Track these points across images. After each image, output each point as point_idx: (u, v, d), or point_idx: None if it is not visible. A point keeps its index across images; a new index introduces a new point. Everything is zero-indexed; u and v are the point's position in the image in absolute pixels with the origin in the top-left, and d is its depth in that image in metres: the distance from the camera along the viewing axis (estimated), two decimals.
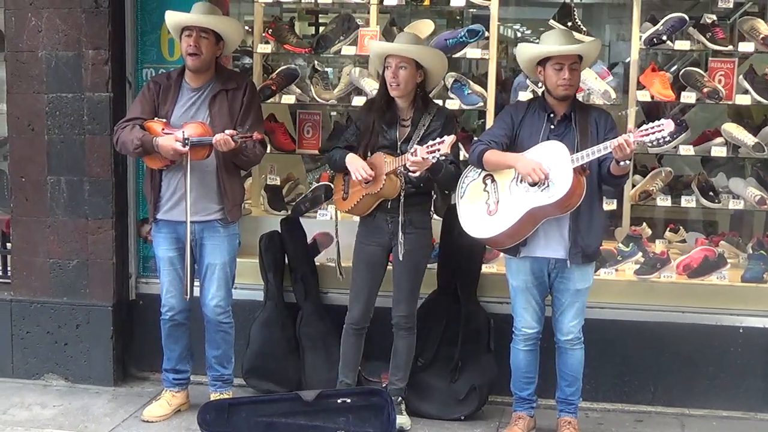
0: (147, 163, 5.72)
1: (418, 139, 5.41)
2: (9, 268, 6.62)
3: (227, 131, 5.41)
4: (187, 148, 5.39)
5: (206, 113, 5.61)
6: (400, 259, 5.48)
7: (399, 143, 5.49)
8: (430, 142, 5.19)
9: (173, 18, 5.65)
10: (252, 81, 6.06)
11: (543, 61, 5.25)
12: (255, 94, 5.85)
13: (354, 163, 5.47)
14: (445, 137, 5.16)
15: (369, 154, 5.55)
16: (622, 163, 5.02)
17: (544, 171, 5.03)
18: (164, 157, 5.51)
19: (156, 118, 5.62)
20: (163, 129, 5.53)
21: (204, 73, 5.66)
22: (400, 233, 5.46)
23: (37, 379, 6.45)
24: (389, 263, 5.69)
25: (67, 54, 6.21)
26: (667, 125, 4.89)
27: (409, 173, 5.34)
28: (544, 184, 5.04)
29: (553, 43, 5.25)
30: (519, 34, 9.55)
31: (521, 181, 5.15)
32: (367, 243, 5.64)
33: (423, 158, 5.17)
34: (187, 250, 5.59)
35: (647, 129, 4.93)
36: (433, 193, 6.48)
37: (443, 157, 5.23)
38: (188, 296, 5.66)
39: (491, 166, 5.28)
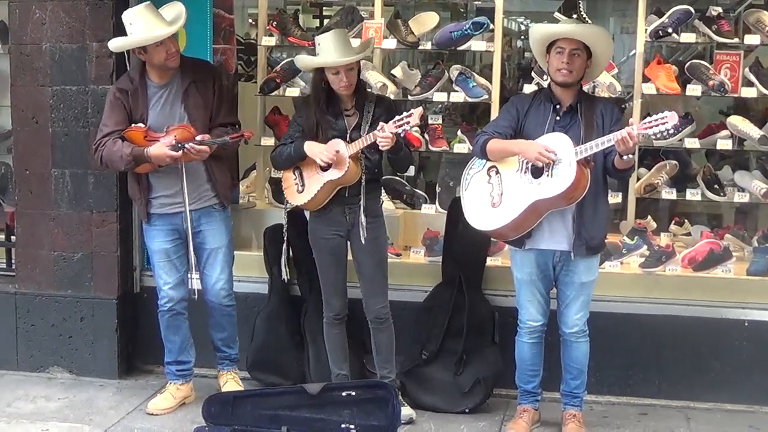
0: (135, 169, 5.67)
1: (368, 124, 5.41)
2: (13, 261, 6.61)
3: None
4: (180, 152, 5.41)
5: (182, 109, 5.60)
6: (362, 242, 5.45)
7: (349, 131, 5.47)
8: (397, 117, 5.20)
9: (161, 33, 5.46)
10: (218, 69, 6.09)
11: (550, 48, 5.24)
12: (222, 80, 5.87)
13: (314, 148, 5.43)
14: (413, 110, 5.19)
15: None
16: (626, 156, 5.01)
17: (551, 150, 5.02)
18: (156, 165, 5.52)
19: (133, 125, 5.58)
20: (145, 136, 5.52)
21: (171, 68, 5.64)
22: (362, 216, 5.44)
23: (42, 371, 6.45)
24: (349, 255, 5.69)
25: (71, 46, 6.20)
26: (670, 117, 4.87)
27: (369, 155, 5.40)
28: (549, 175, 5.04)
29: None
30: (523, 27, 9.54)
31: (525, 172, 5.14)
32: (327, 236, 5.60)
33: (392, 133, 5.17)
34: (190, 248, 5.62)
35: (651, 121, 4.92)
36: (438, 186, 6.52)
37: (411, 130, 5.31)
38: (195, 294, 5.73)
39: (495, 155, 5.27)
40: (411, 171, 6.37)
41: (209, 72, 5.77)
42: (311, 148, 5.44)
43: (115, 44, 5.65)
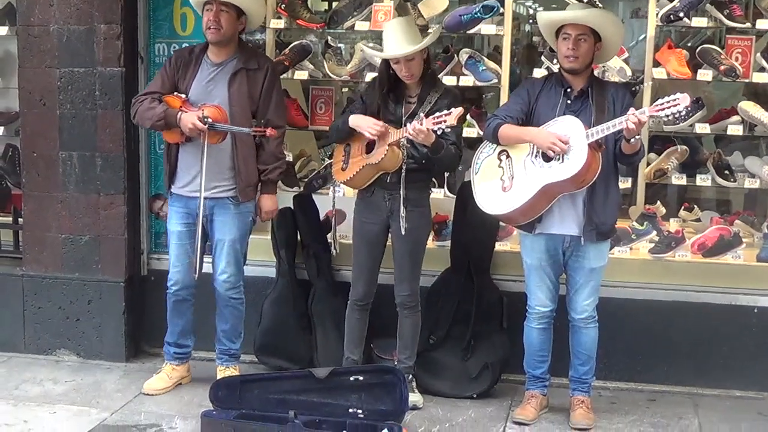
0: (164, 136, 5.76)
1: (423, 114, 5.37)
2: (21, 244, 6.60)
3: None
4: (206, 126, 5.40)
5: (225, 92, 5.60)
6: (402, 233, 5.44)
7: (404, 118, 5.45)
8: (437, 114, 5.16)
9: None
10: (274, 64, 6.03)
11: (558, 33, 5.23)
12: (276, 78, 5.83)
13: (361, 120, 5.43)
14: (452, 109, 5.13)
15: None
16: (632, 140, 4.99)
17: (564, 139, 5.00)
18: (181, 132, 5.53)
19: (175, 93, 5.63)
20: (181, 106, 5.54)
21: (225, 48, 5.64)
22: (401, 208, 5.42)
23: (49, 354, 6.46)
24: (388, 240, 5.66)
25: (79, 28, 6.18)
26: (682, 99, 4.85)
27: (417, 145, 5.33)
28: (560, 158, 5.01)
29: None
30: (532, 11, 9.49)
31: (536, 156, 5.12)
32: (366, 221, 5.61)
33: (427, 129, 5.14)
34: (198, 229, 5.60)
35: (663, 103, 4.90)
36: (446, 172, 6.48)
37: (448, 129, 5.18)
38: (197, 274, 5.67)
39: (507, 140, 5.25)
40: None
41: (264, 64, 5.75)
42: (357, 121, 5.44)
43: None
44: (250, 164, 5.70)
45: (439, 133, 5.18)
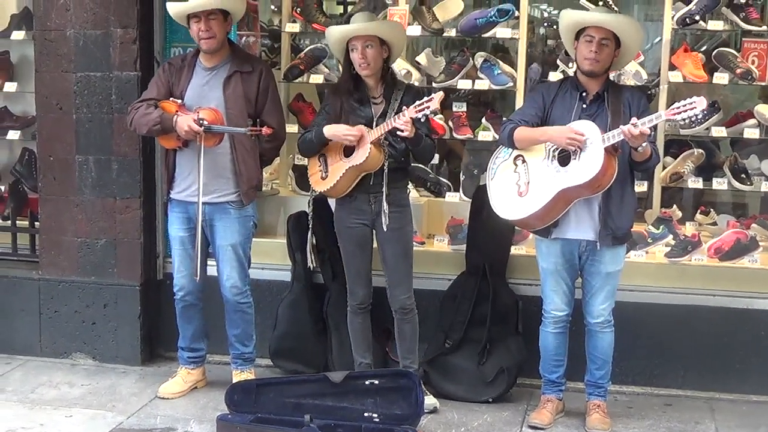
0: (160, 142, 5.79)
1: (394, 111, 5.38)
2: (37, 247, 6.61)
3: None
4: (201, 128, 5.40)
5: (220, 94, 5.60)
6: (385, 229, 5.43)
7: (375, 119, 5.45)
8: (418, 102, 5.17)
9: (178, 8, 5.58)
10: (268, 66, 6.03)
11: (578, 35, 5.21)
12: (271, 79, 5.81)
13: (336, 130, 5.41)
14: (433, 95, 5.16)
15: None
16: (639, 149, 4.98)
17: (580, 132, 4.99)
18: (178, 137, 5.53)
19: (171, 99, 5.64)
20: (177, 111, 5.54)
21: (218, 52, 5.64)
22: (385, 204, 5.40)
23: (65, 358, 6.47)
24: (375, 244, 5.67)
25: (95, 33, 6.19)
26: (699, 102, 4.84)
27: (394, 143, 5.35)
28: (576, 157, 5.00)
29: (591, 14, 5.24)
30: (546, 14, 9.48)
31: (552, 161, 5.11)
32: (354, 224, 5.59)
33: (411, 118, 5.15)
34: (198, 232, 5.61)
35: (679, 107, 4.89)
36: (462, 175, 6.48)
37: (432, 115, 5.27)
38: (197, 277, 5.67)
39: (522, 143, 5.24)
40: (435, 159, 6.28)
41: (258, 66, 5.75)
42: (332, 130, 5.42)
43: (170, 9, 5.68)
44: (250, 165, 5.69)
45: (422, 119, 5.22)
